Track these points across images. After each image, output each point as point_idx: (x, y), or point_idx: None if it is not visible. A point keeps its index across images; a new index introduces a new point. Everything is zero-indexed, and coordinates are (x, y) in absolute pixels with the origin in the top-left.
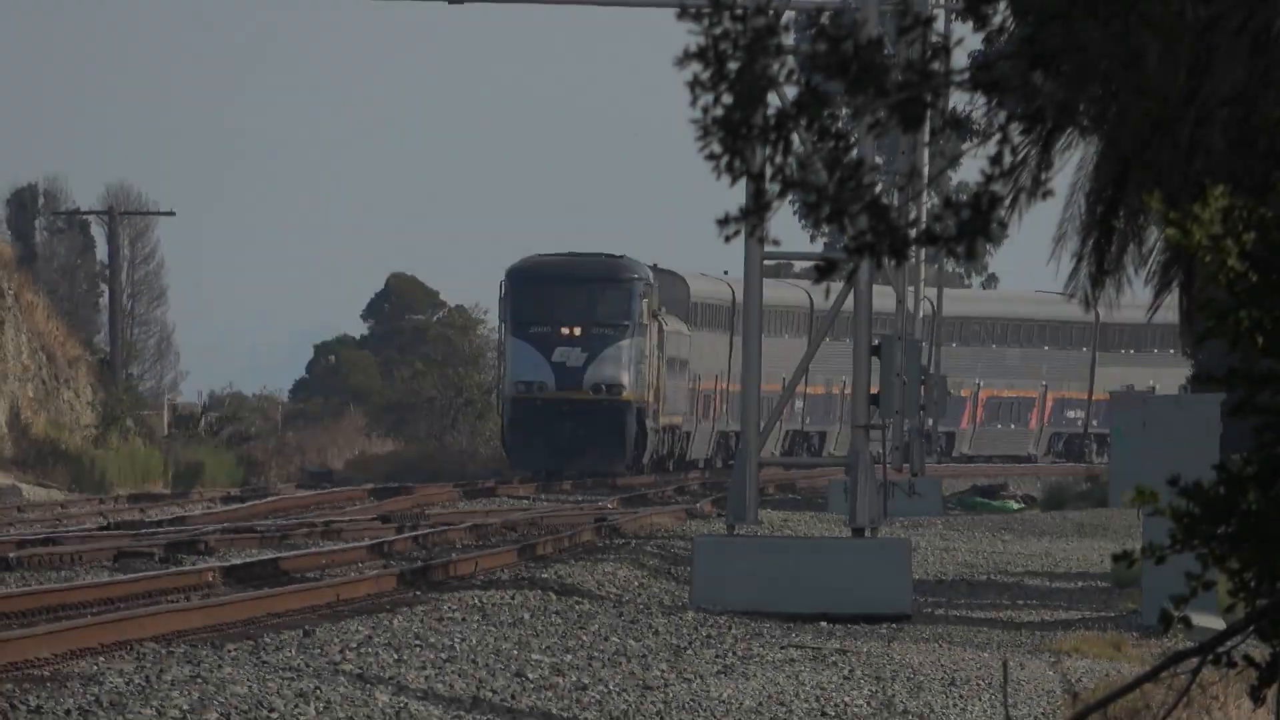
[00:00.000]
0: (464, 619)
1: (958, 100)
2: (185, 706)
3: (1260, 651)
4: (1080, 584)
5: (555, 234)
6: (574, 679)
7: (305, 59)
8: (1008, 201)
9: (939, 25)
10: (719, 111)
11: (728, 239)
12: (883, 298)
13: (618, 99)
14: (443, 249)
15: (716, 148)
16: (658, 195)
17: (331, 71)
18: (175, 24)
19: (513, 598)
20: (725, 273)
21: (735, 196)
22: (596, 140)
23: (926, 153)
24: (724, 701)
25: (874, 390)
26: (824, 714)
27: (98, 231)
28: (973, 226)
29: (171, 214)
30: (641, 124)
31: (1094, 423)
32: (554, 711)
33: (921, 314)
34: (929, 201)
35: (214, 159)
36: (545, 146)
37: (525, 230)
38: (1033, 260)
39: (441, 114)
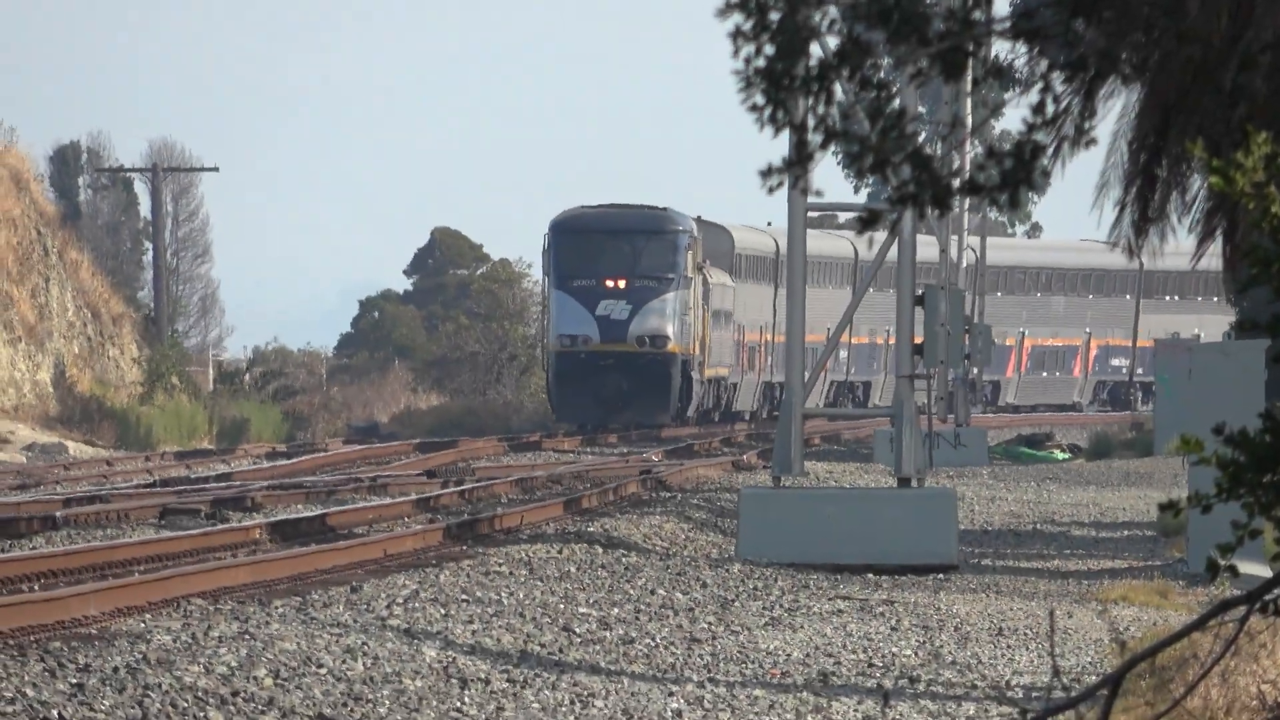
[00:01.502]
0: (510, 573)
1: (1000, 49)
2: (233, 663)
3: None
4: (1126, 533)
5: (600, 187)
6: (621, 632)
7: (348, 13)
8: (1051, 150)
9: None
10: (761, 62)
11: (771, 190)
12: (926, 247)
13: (662, 51)
14: (487, 202)
15: (759, 99)
16: (701, 147)
17: (375, 26)
18: None
19: (559, 551)
20: (769, 224)
21: (778, 148)
22: (640, 93)
23: (969, 102)
24: (771, 653)
25: (918, 340)
26: (871, 665)
27: (141, 188)
28: (1016, 176)
29: (215, 170)
30: (685, 75)
31: (1139, 370)
32: (602, 665)
33: (965, 263)
34: (972, 151)
35: (257, 115)
36: (589, 99)
37: (570, 183)
38: (1076, 209)
39: (486, 67)
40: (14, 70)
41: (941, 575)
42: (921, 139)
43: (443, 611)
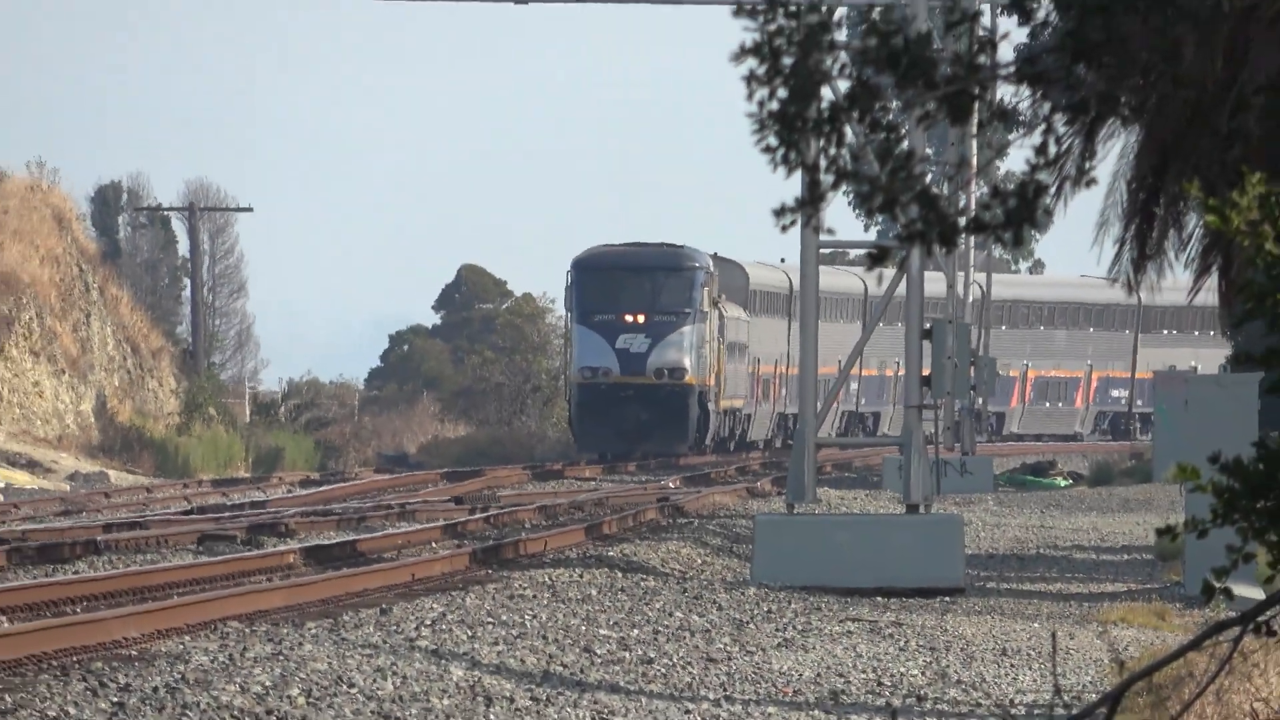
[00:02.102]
0: (534, 596)
1: (1004, 92)
2: (268, 683)
3: None
4: (1126, 557)
5: (619, 225)
6: (640, 653)
7: (376, 60)
8: (1053, 190)
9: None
10: (774, 105)
11: (784, 229)
12: (933, 283)
13: (678, 93)
14: (511, 240)
15: (772, 140)
16: (718, 186)
17: (402, 72)
18: (252, 26)
19: (580, 575)
20: (782, 260)
21: (791, 187)
22: (658, 133)
23: (974, 143)
24: (784, 673)
25: (926, 372)
26: (880, 684)
27: (179, 227)
28: (1019, 214)
29: (250, 209)
30: (701, 117)
31: (1138, 401)
32: (621, 684)
33: (971, 298)
34: (977, 190)
35: (290, 156)
36: (609, 140)
37: (591, 221)
38: (1077, 246)
39: (509, 109)
40: (56, 112)
41: (948, 598)
42: (929, 179)
43: (469, 633)
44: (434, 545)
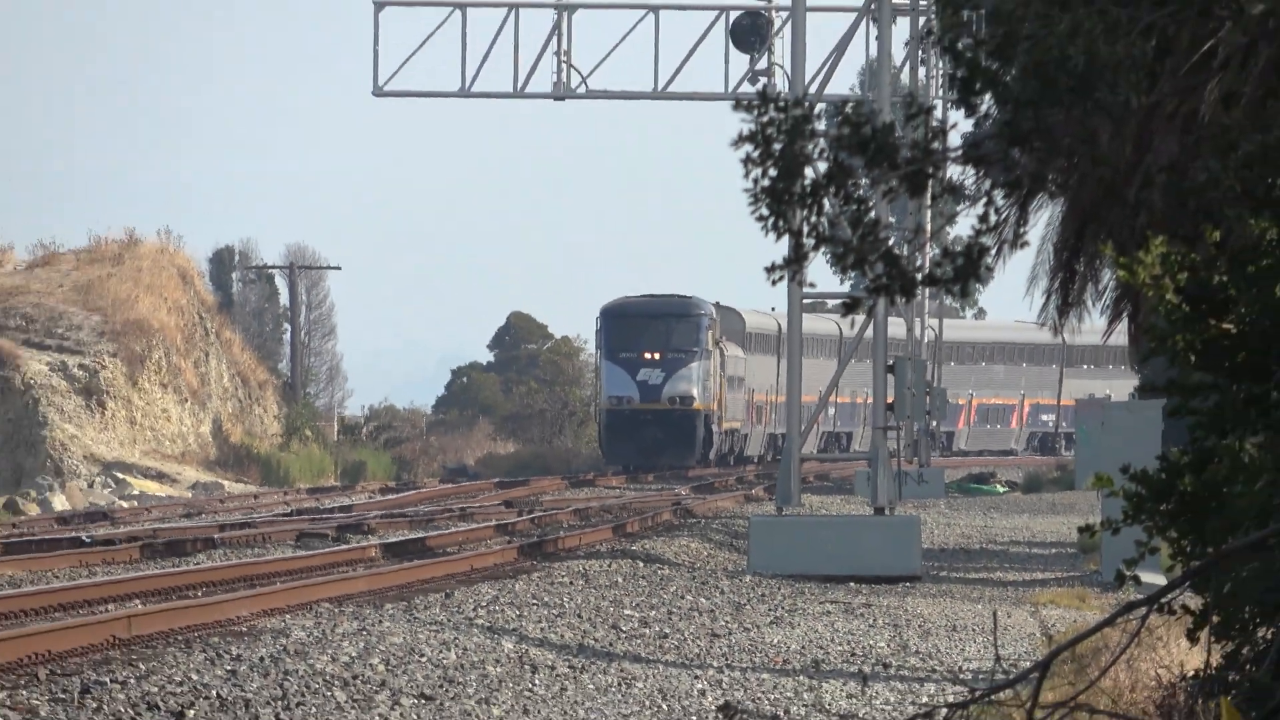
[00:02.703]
0: (571, 583)
1: (953, 171)
2: (354, 653)
3: (1194, 602)
4: (1053, 551)
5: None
6: (657, 629)
7: (437, 148)
8: (993, 251)
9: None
10: (766, 182)
11: (774, 282)
12: (896, 327)
13: (688, 170)
14: (551, 291)
15: (764, 211)
16: (719, 246)
17: (457, 158)
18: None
19: (609, 566)
20: (773, 308)
21: (779, 249)
22: (671, 203)
23: (929, 213)
24: (775, 646)
25: (890, 400)
26: (853, 654)
27: (281, 282)
28: (966, 271)
29: (338, 268)
30: (706, 190)
31: (1062, 424)
32: (643, 655)
33: (926, 339)
34: (931, 251)
35: (371, 224)
36: (631, 209)
37: (617, 276)
38: (1013, 296)
39: (550, 184)
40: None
41: (908, 584)
42: (891, 242)
43: (518, 613)
44: (488, 541)
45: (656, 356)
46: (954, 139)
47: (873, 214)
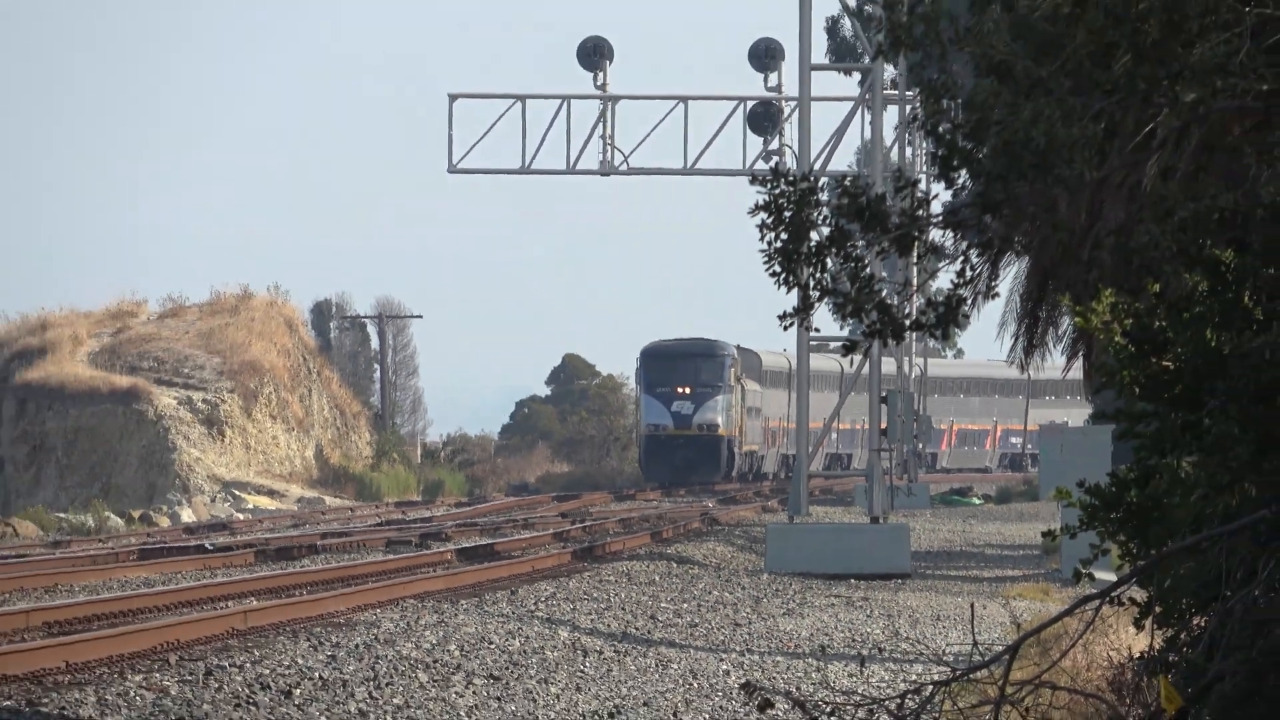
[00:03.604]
0: (615, 580)
1: (935, 234)
2: (434, 641)
3: (1140, 595)
4: (1021, 552)
5: (674, 323)
6: (688, 619)
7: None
8: (969, 301)
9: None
10: (778, 244)
11: (785, 328)
12: (888, 365)
13: (714, 235)
14: (599, 335)
15: (777, 268)
16: (739, 298)
17: (525, 228)
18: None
19: (648, 566)
20: (784, 350)
21: (789, 300)
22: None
23: (915, 269)
24: (788, 633)
25: (883, 426)
26: (854, 640)
27: (371, 329)
28: (946, 318)
29: (420, 316)
30: (728, 250)
31: (1028, 446)
32: (677, 641)
33: (914, 374)
34: (917, 301)
35: (448, 278)
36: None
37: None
38: (986, 338)
39: (598, 246)
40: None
41: (899, 581)
42: (884, 294)
43: (571, 606)
44: (547, 546)
45: (688, 390)
46: (936, 207)
47: (868, 270)
